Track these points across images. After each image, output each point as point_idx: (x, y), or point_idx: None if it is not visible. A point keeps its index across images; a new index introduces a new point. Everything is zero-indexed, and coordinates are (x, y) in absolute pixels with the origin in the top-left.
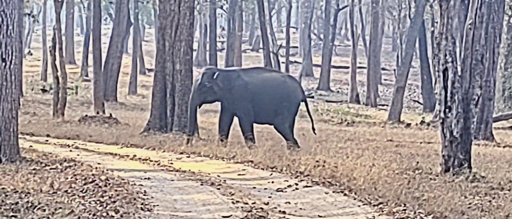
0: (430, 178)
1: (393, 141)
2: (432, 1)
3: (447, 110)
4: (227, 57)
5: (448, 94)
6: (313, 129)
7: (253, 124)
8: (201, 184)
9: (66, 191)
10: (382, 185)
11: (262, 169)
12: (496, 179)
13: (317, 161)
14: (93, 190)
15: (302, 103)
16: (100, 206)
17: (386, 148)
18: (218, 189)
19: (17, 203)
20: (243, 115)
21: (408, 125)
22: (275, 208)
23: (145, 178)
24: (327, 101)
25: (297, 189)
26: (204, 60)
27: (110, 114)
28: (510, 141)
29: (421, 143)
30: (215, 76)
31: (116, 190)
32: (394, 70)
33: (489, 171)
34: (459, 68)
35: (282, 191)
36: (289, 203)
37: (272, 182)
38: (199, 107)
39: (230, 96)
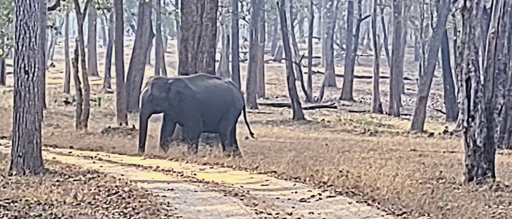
0: (454, 188)
1: (416, 151)
2: (455, 10)
3: (470, 119)
4: (249, 68)
5: (471, 104)
6: (251, 134)
7: (200, 134)
8: (225, 195)
9: (89, 202)
10: (405, 195)
11: (286, 179)
12: None
13: (340, 171)
14: (117, 202)
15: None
16: (123, 217)
17: (410, 158)
18: (242, 199)
19: (40, 215)
20: (191, 125)
21: (431, 134)
22: (299, 218)
23: (169, 189)
24: (350, 111)
25: (320, 199)
26: (226, 71)
27: (133, 126)
28: None
29: (444, 152)
30: (167, 87)
31: (139, 202)
32: (417, 79)
33: None
34: (482, 78)
35: (305, 201)
36: (312, 213)
37: (296, 192)
38: (148, 118)
39: (178, 106)
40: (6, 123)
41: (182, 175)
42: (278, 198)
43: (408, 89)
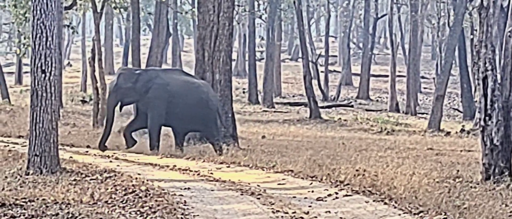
0: (471, 187)
1: (433, 150)
2: (472, 9)
3: (487, 118)
4: (266, 67)
5: (488, 102)
6: (224, 135)
7: (161, 128)
8: (241, 194)
9: (106, 201)
10: (422, 194)
11: (302, 178)
12: None
13: (357, 170)
14: (133, 201)
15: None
16: (140, 216)
17: (426, 157)
18: (258, 198)
19: (57, 214)
20: (155, 116)
21: (448, 133)
22: (315, 217)
23: (185, 188)
24: (366, 110)
25: (337, 198)
26: (243, 70)
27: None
28: None
29: (461, 151)
30: (135, 78)
31: (156, 201)
32: (434, 78)
33: None
34: (499, 76)
35: (322, 200)
36: (329, 212)
37: (312, 191)
38: (120, 110)
39: (145, 96)
40: (23, 122)
41: (198, 174)
42: (294, 197)
43: (425, 88)
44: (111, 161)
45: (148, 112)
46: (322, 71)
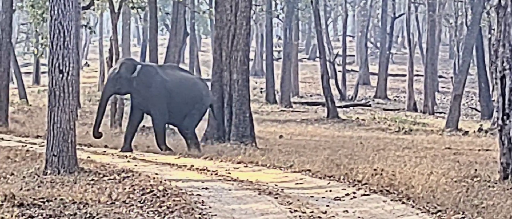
0: (489, 186)
1: (451, 149)
2: (489, 8)
3: (505, 117)
4: (283, 66)
5: (506, 101)
6: (218, 130)
7: (166, 125)
8: (259, 194)
9: (124, 201)
10: (440, 193)
11: (320, 178)
12: None
13: (375, 170)
14: (151, 201)
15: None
16: (158, 216)
17: (444, 156)
18: (276, 198)
19: (75, 214)
20: (158, 114)
21: (466, 132)
22: (333, 217)
23: (203, 188)
24: (384, 109)
25: (355, 197)
26: (260, 70)
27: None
28: None
29: (479, 150)
30: (136, 69)
31: (174, 200)
32: (451, 77)
33: None
34: None
35: (340, 199)
36: (347, 211)
37: (330, 191)
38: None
39: (146, 93)
40: (41, 122)
41: (216, 173)
42: (312, 196)
43: (442, 87)
44: (128, 161)
45: (151, 111)
46: (339, 71)
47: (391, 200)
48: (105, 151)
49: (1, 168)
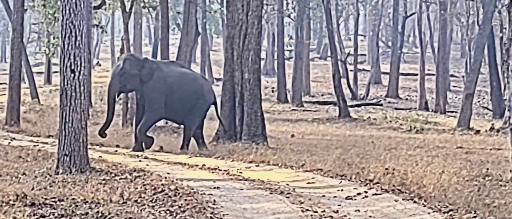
0: (501, 185)
1: (462, 148)
2: (501, 7)
3: None
4: (295, 65)
5: None
6: (225, 130)
7: (156, 122)
8: (271, 193)
9: (135, 201)
10: (452, 192)
11: (331, 177)
12: None
13: (386, 169)
14: (163, 200)
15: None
16: (169, 215)
17: (456, 155)
18: (288, 197)
19: (87, 213)
20: (154, 108)
21: (478, 131)
22: (345, 216)
23: (215, 188)
24: (396, 108)
25: (366, 197)
26: (272, 69)
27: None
28: None
29: (491, 149)
30: (141, 64)
31: (185, 200)
32: (463, 76)
33: None
34: None
35: (351, 199)
36: (358, 211)
37: (342, 190)
38: (118, 96)
39: (145, 88)
40: (52, 122)
41: (228, 173)
42: (324, 196)
43: (454, 86)
44: (140, 161)
45: (146, 104)
46: (351, 70)
47: (403, 199)
48: (116, 151)
49: (13, 167)
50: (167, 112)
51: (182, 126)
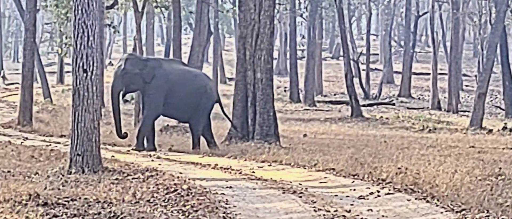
0: None
1: (475, 148)
2: None
3: None
4: (307, 65)
5: None
6: (234, 127)
7: (156, 117)
8: (283, 193)
9: (148, 200)
10: (464, 192)
11: (344, 176)
12: None
13: (399, 168)
14: (175, 200)
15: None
16: (182, 215)
17: (468, 155)
18: (300, 197)
19: (99, 213)
20: (152, 105)
21: (490, 131)
22: (357, 215)
23: (227, 187)
24: (408, 108)
25: (379, 196)
26: (284, 69)
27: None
28: None
29: (503, 149)
30: (143, 63)
31: (198, 199)
32: (476, 76)
33: None
34: None
35: (364, 198)
36: (371, 210)
37: (354, 189)
38: (123, 97)
39: (147, 86)
40: (65, 122)
41: (240, 172)
42: (336, 195)
43: (466, 85)
44: (152, 160)
45: (146, 101)
46: (363, 69)
47: (415, 198)
48: (129, 151)
49: (26, 167)
50: (170, 110)
51: (186, 124)
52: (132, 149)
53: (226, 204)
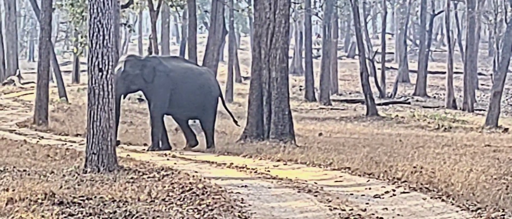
0: None
1: (490, 146)
2: None
3: None
4: (322, 64)
5: None
6: (235, 122)
7: (164, 114)
8: (298, 191)
9: (163, 199)
10: (480, 191)
11: (359, 175)
12: None
13: (414, 167)
14: (191, 199)
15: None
16: (197, 214)
17: (484, 153)
18: (315, 196)
19: (115, 212)
20: (157, 103)
21: (506, 130)
22: (373, 214)
23: (242, 186)
24: (423, 107)
25: (394, 195)
26: (300, 68)
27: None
28: None
29: None
30: (142, 64)
31: (213, 198)
32: (491, 75)
33: None
34: None
35: (379, 197)
36: (386, 209)
37: (369, 188)
38: (124, 97)
39: (150, 84)
40: (80, 121)
41: (255, 171)
42: (352, 194)
43: (482, 84)
44: (168, 159)
45: (151, 100)
46: (379, 68)
47: (431, 197)
48: (144, 150)
49: (41, 166)
50: (174, 108)
51: (192, 122)
52: (149, 150)
53: (241, 203)
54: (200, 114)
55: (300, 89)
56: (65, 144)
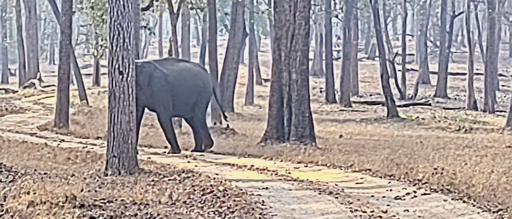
0: None
1: (511, 148)
2: None
3: None
4: (343, 66)
5: None
6: (225, 117)
7: (172, 119)
8: (319, 193)
9: (184, 202)
10: (501, 192)
11: (380, 177)
12: None
13: (435, 169)
14: (212, 201)
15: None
16: (218, 216)
17: (505, 155)
18: (336, 198)
19: (136, 214)
20: (163, 109)
21: None
22: (394, 216)
23: (263, 188)
24: (444, 108)
25: (415, 197)
26: (320, 70)
27: (227, 125)
28: None
29: None
30: (137, 70)
31: (234, 201)
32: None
33: None
34: None
35: (400, 199)
36: (407, 211)
37: (390, 190)
38: None
39: (148, 90)
40: (101, 124)
41: (276, 173)
42: (372, 196)
43: (502, 85)
44: (189, 162)
45: (156, 107)
46: (399, 70)
47: (452, 199)
48: (165, 152)
49: (62, 169)
50: (175, 111)
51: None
52: (169, 154)
53: (262, 205)
54: (196, 112)
55: (321, 91)
56: (86, 147)
